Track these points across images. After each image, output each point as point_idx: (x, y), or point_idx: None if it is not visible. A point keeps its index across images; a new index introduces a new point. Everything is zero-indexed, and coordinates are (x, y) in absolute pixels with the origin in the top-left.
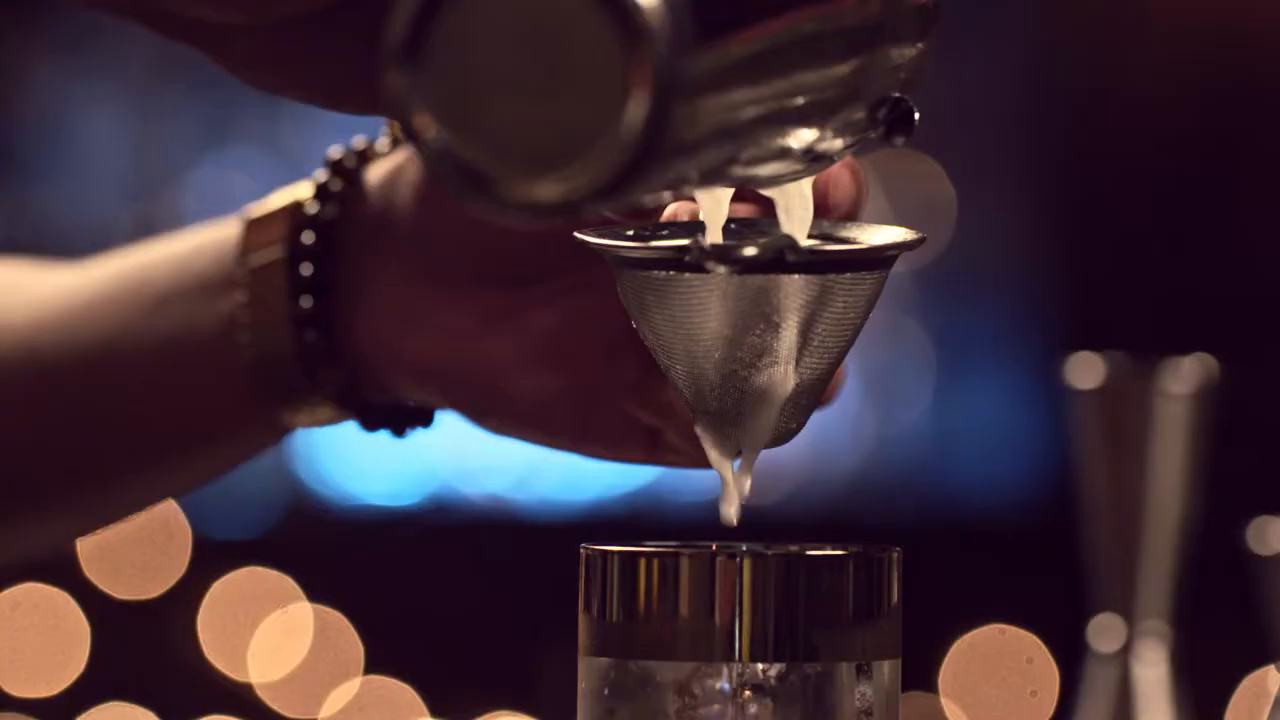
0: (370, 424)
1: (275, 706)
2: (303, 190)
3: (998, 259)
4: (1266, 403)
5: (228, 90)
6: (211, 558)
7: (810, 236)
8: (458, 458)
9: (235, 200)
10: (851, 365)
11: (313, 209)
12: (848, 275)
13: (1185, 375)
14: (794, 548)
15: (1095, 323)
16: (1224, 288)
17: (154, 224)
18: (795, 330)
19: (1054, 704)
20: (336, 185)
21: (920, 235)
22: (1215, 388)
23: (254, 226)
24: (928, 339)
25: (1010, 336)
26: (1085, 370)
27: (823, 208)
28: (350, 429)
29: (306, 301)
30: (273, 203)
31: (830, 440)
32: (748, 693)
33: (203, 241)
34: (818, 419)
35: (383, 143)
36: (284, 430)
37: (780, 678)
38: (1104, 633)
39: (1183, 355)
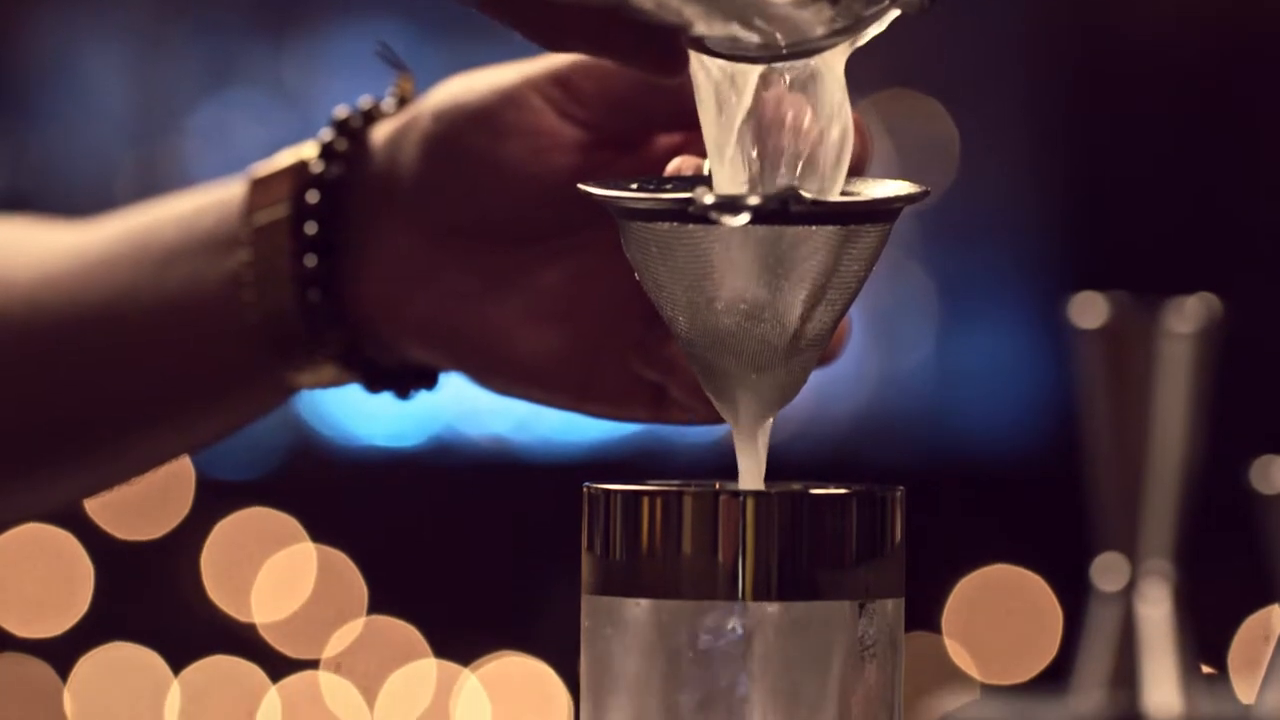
0: (374, 384)
1: (279, 646)
2: (308, 149)
3: (1001, 200)
4: (1270, 342)
5: (230, 33)
6: (215, 498)
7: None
8: (460, 399)
9: (237, 143)
10: (854, 307)
11: (318, 168)
12: (852, 227)
13: (1189, 315)
14: (797, 486)
15: (1098, 262)
16: (1228, 227)
17: (156, 167)
18: (799, 282)
19: (1058, 643)
20: (342, 145)
21: (924, 189)
22: (1219, 327)
23: (259, 185)
24: (931, 280)
25: (1013, 277)
26: (1089, 310)
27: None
28: None
29: (311, 260)
30: (278, 162)
31: (834, 381)
32: (751, 631)
33: (208, 200)
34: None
35: (388, 103)
36: (288, 390)
37: (783, 616)
38: (1108, 572)
39: (1186, 295)
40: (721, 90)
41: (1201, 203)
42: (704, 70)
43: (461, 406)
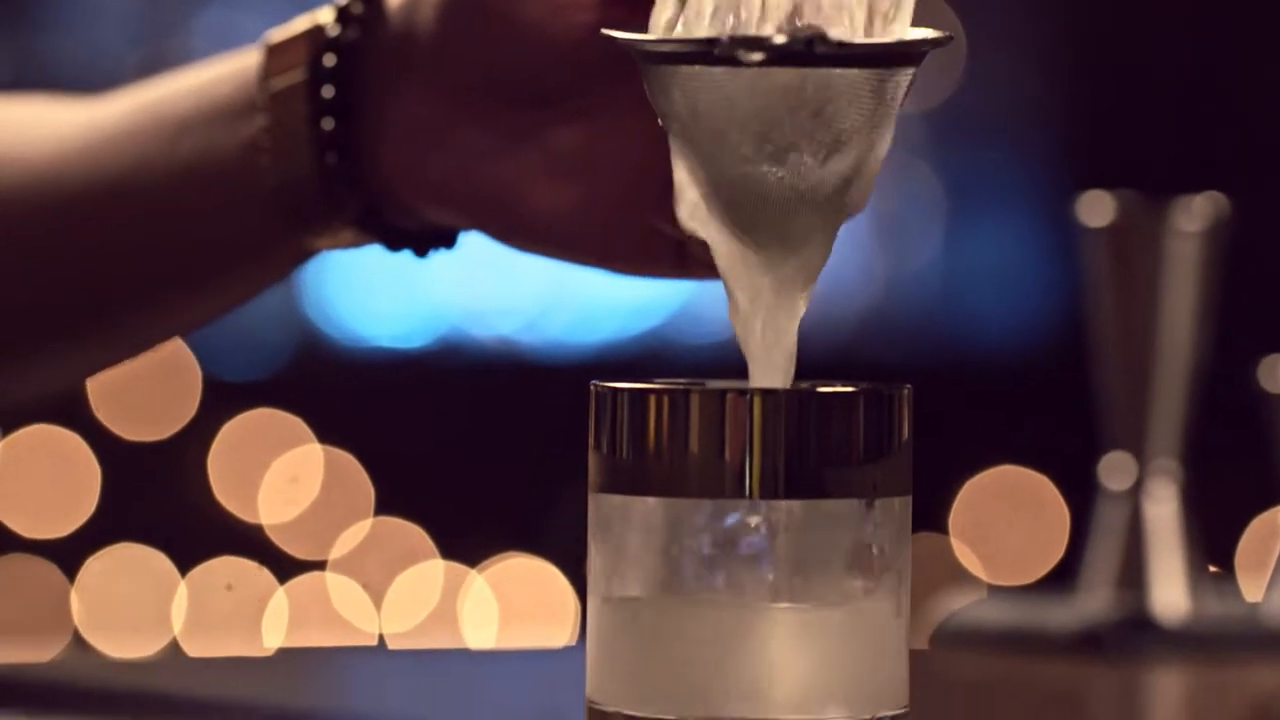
0: (392, 244)
1: (285, 548)
2: (324, 14)
3: (1007, 99)
4: (1278, 241)
5: None
6: (221, 399)
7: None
8: (467, 299)
9: (244, 43)
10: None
11: (334, 32)
12: (876, 70)
13: (1196, 213)
14: (805, 385)
15: (1106, 161)
16: (1236, 125)
17: (162, 69)
18: (824, 126)
19: (1065, 543)
20: (358, 8)
21: (948, 34)
22: (1226, 225)
23: (275, 51)
24: (938, 180)
25: (1021, 176)
26: (1096, 209)
27: None
28: (361, 269)
29: (328, 124)
30: (294, 27)
31: (842, 281)
32: (759, 529)
33: (223, 69)
34: (828, 262)
35: None
36: (306, 254)
37: (791, 515)
38: (1115, 471)
39: (1194, 193)
40: None
41: (1209, 101)
42: None
43: (468, 307)
